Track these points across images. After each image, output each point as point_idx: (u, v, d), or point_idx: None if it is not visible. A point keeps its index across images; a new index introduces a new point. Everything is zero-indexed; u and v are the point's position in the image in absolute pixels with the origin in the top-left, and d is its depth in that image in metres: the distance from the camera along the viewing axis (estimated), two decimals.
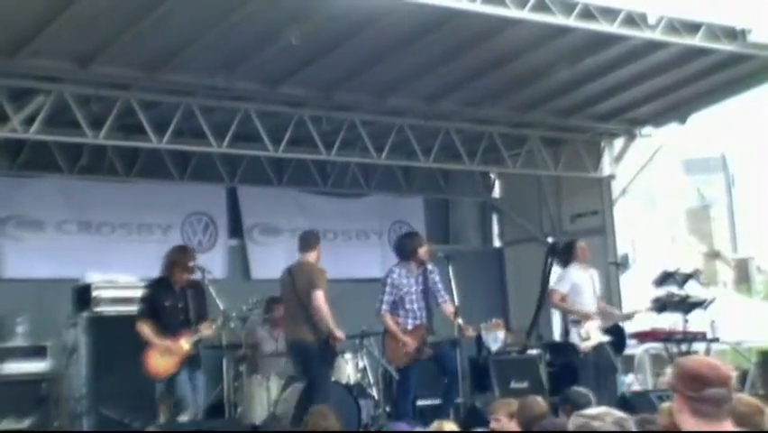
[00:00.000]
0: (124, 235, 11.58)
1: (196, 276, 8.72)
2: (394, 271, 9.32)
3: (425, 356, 9.12)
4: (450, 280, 9.30)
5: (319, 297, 8.70)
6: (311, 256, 9.15)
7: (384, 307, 9.15)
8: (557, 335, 12.88)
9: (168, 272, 8.60)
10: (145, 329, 8.37)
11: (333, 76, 9.94)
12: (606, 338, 9.95)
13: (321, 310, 8.68)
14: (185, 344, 8.27)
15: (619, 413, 3.63)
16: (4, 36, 8.35)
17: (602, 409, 3.70)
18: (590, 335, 9.80)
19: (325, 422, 6.48)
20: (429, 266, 9.34)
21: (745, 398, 4.71)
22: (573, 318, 10.04)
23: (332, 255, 12.81)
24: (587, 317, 9.86)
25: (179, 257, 8.68)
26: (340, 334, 8.73)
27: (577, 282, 10.10)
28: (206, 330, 8.50)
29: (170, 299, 8.46)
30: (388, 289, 9.19)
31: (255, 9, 8.10)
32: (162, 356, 8.25)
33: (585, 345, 9.76)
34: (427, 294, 9.25)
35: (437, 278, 9.34)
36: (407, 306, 9.19)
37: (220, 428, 8.56)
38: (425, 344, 9.12)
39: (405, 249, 9.47)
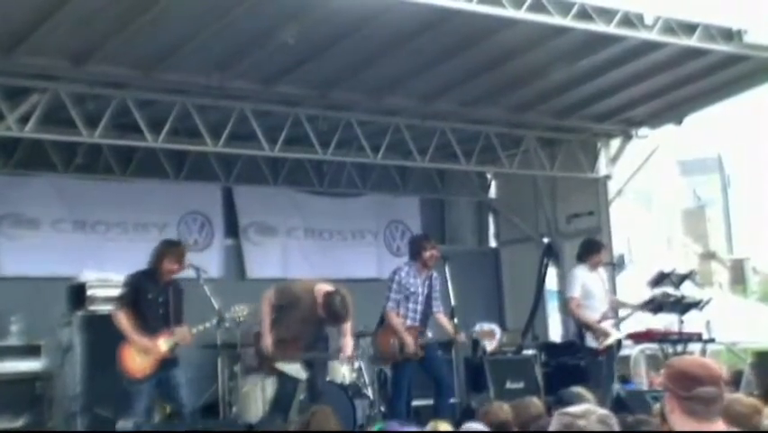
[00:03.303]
0: (120, 234, 11.56)
1: (191, 274, 8.54)
2: (402, 269, 9.37)
3: (416, 357, 9.12)
4: (446, 281, 9.32)
5: None
6: None
7: (391, 304, 9.21)
8: (554, 335, 12.91)
9: (155, 265, 8.30)
10: (123, 322, 8.06)
11: (329, 75, 9.92)
12: (622, 334, 9.97)
13: None
14: (163, 345, 8.05)
15: (603, 410, 3.61)
16: None
17: (586, 406, 3.67)
18: (609, 335, 9.75)
19: (328, 423, 6.42)
20: (434, 273, 9.38)
21: (743, 398, 4.71)
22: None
23: (327, 255, 12.88)
24: (604, 333, 9.74)
25: (167, 250, 8.44)
26: None
27: (587, 283, 9.92)
28: (184, 336, 8.16)
29: (153, 292, 8.21)
30: (394, 287, 9.23)
31: (250, 8, 8.06)
32: (140, 355, 8.01)
33: (605, 344, 9.71)
34: (429, 300, 9.30)
35: (438, 287, 9.38)
36: (410, 305, 9.23)
37: (215, 428, 8.51)
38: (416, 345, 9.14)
39: (411, 249, 9.60)
